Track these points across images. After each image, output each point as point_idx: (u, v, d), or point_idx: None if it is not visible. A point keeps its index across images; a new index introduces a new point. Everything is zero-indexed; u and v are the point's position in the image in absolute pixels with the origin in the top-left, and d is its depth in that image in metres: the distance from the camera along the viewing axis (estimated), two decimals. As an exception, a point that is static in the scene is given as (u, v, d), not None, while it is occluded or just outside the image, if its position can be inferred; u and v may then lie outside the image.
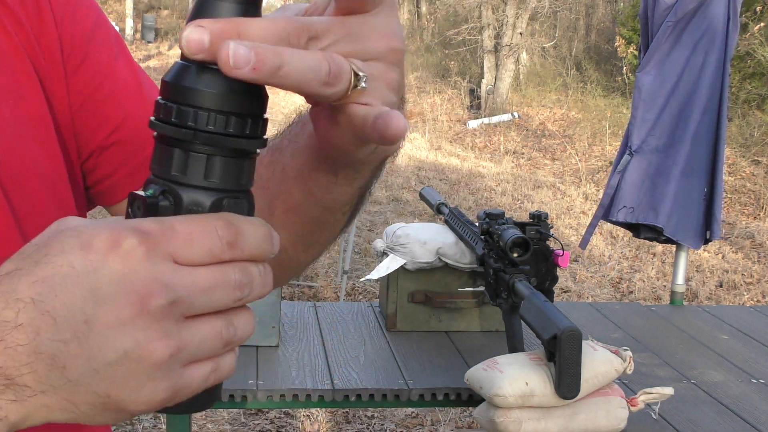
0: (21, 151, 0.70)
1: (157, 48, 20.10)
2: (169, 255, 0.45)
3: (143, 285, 0.44)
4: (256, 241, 0.48)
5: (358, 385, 1.96)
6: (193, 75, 0.47)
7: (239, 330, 0.48)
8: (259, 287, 0.49)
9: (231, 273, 0.47)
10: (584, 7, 16.48)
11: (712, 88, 2.76)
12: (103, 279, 0.43)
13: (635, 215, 2.82)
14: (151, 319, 0.44)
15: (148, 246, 0.44)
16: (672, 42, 2.76)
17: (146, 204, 0.47)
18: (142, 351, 0.44)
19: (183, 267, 0.45)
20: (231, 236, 0.47)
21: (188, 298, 0.45)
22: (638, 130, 2.81)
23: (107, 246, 0.44)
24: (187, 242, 0.45)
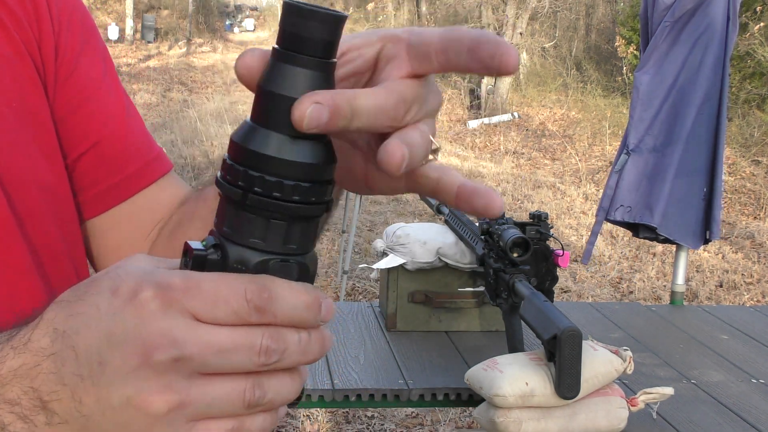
0: (23, 154, 0.70)
1: (157, 48, 20.10)
2: (187, 311, 0.45)
3: (150, 337, 0.45)
4: (293, 308, 0.47)
5: (358, 385, 1.96)
6: (261, 139, 0.47)
7: (270, 393, 0.47)
8: (297, 354, 0.47)
9: (258, 337, 0.46)
10: (584, 7, 16.48)
11: (710, 88, 2.76)
12: (118, 325, 0.45)
13: (633, 215, 2.82)
14: (152, 372, 0.45)
15: (163, 300, 0.45)
16: (670, 41, 2.76)
17: (193, 256, 0.48)
18: (142, 401, 0.45)
19: (201, 324, 0.45)
20: (261, 300, 0.46)
21: (200, 356, 0.45)
22: (635, 129, 2.82)
23: (129, 294, 0.45)
24: (211, 301, 0.45)
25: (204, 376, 0.46)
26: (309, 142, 0.47)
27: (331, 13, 0.46)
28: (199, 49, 20.91)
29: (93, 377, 0.45)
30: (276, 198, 0.47)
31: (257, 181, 0.46)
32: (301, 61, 0.46)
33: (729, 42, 2.74)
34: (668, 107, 2.80)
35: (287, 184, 0.46)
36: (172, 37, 21.40)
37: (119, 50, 18.90)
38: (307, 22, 0.45)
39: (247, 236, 0.48)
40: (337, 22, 0.46)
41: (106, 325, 0.45)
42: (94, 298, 0.46)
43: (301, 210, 0.47)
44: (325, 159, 0.48)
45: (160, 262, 0.49)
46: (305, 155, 0.47)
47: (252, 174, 0.46)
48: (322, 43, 0.46)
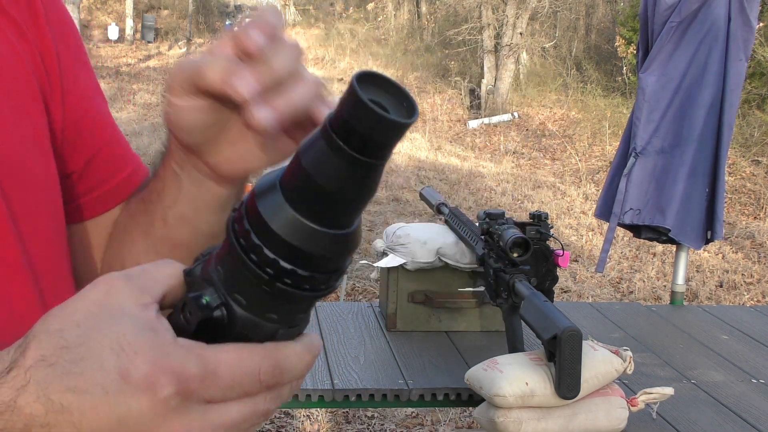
0: (21, 155, 0.71)
1: (157, 48, 20.10)
2: (203, 399, 0.45)
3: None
4: (297, 372, 0.48)
5: (358, 385, 1.96)
6: (304, 234, 0.44)
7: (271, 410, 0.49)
8: (284, 399, 0.49)
9: (261, 404, 0.47)
10: (584, 7, 16.47)
11: (716, 88, 2.75)
12: (132, 416, 0.44)
13: (642, 217, 2.82)
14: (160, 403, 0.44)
15: (183, 396, 0.44)
16: (675, 42, 2.76)
17: (200, 320, 0.46)
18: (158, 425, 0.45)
19: (214, 406, 0.46)
20: (273, 380, 0.47)
21: (202, 388, 0.45)
22: (643, 131, 2.80)
23: (145, 385, 0.43)
24: (228, 387, 0.45)
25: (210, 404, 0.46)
26: (346, 234, 0.45)
27: (407, 123, 0.42)
28: (199, 49, 20.90)
29: None
30: (305, 290, 0.45)
31: (289, 274, 0.44)
32: (359, 162, 0.42)
33: (731, 42, 2.73)
34: (675, 108, 2.79)
35: (319, 278, 0.45)
36: (172, 37, 21.39)
37: (119, 50, 18.90)
38: (386, 131, 0.42)
39: (263, 311, 0.46)
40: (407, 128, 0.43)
41: (117, 413, 0.43)
42: (98, 375, 0.43)
43: (323, 294, 0.47)
44: (353, 246, 0.47)
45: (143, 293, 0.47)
46: (343, 248, 0.46)
47: (284, 266, 0.44)
48: (389, 149, 0.43)
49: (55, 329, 0.45)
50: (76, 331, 0.44)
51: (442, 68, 16.16)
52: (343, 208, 0.44)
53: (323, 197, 0.43)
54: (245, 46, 0.53)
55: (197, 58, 0.56)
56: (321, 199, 0.43)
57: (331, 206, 0.43)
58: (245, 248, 0.44)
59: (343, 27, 21.18)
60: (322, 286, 0.46)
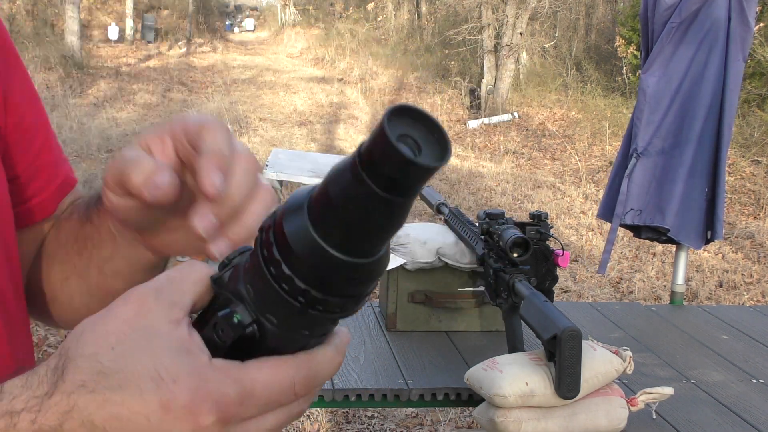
0: None
1: (157, 48, 20.09)
2: (241, 419, 0.46)
3: None
4: (329, 375, 0.49)
5: (358, 385, 1.96)
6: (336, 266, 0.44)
7: (302, 411, 0.51)
8: (314, 398, 0.51)
9: (295, 408, 0.49)
10: (584, 7, 16.47)
11: (716, 88, 2.75)
12: None
13: (642, 218, 2.82)
14: None
15: (224, 422, 0.45)
16: (676, 42, 2.75)
17: (233, 334, 0.46)
18: None
19: (252, 420, 0.47)
20: (306, 390, 0.48)
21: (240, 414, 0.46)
22: (644, 132, 2.80)
23: (186, 415, 0.44)
24: (264, 404, 0.46)
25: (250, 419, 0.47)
26: (376, 260, 0.45)
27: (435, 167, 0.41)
28: (199, 49, 20.91)
29: None
30: (336, 313, 0.46)
31: (321, 303, 0.45)
32: (385, 200, 0.42)
33: (731, 42, 2.73)
34: (675, 109, 2.79)
35: (349, 303, 0.46)
36: (172, 37, 21.39)
37: (119, 50, 18.90)
38: (413, 174, 0.41)
39: (295, 329, 0.47)
40: None
41: None
42: (139, 405, 0.44)
43: (353, 314, 0.47)
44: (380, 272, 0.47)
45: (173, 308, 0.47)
46: (373, 275, 0.46)
47: (316, 296, 0.45)
48: (417, 189, 0.43)
49: (90, 353, 0.45)
50: (111, 355, 0.45)
51: (442, 68, 16.16)
52: (369, 238, 0.44)
53: (351, 228, 0.43)
54: (204, 190, 0.52)
55: (130, 152, 0.55)
56: (349, 230, 0.43)
57: (359, 237, 0.43)
58: (276, 277, 0.45)
59: (343, 27, 21.18)
60: (352, 309, 0.47)
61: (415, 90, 15.28)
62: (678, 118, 2.79)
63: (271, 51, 22.71)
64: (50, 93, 12.52)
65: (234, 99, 13.96)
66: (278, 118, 12.89)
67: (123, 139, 10.22)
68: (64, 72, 13.98)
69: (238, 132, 11.14)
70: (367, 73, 16.76)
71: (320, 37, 22.04)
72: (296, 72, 18.10)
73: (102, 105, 12.37)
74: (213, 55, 20.09)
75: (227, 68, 17.87)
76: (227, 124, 0.51)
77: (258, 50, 22.67)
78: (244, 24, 28.77)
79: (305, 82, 16.56)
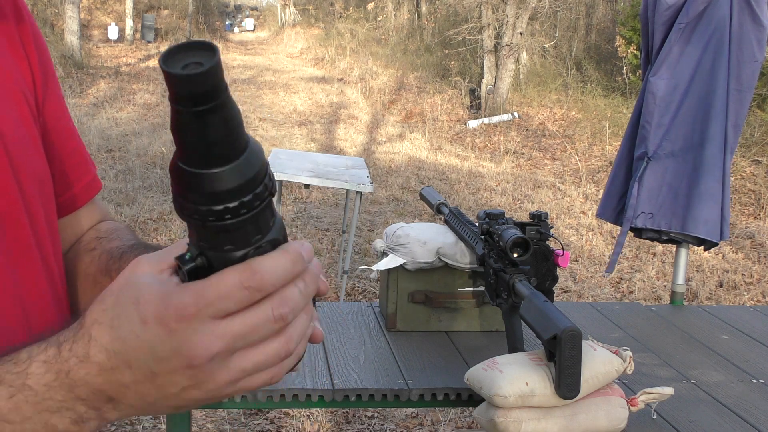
0: (27, 153, 0.81)
1: (157, 48, 20.09)
2: (206, 317, 0.56)
3: (187, 351, 0.56)
4: (282, 271, 0.57)
5: (358, 385, 1.96)
6: (200, 180, 0.55)
7: (297, 338, 0.60)
8: (304, 300, 0.59)
9: (267, 310, 0.57)
10: (584, 7, 16.47)
11: (723, 89, 2.73)
12: (158, 346, 0.57)
13: (656, 221, 2.81)
14: (197, 370, 0.57)
15: (185, 319, 0.56)
16: (682, 44, 2.74)
17: (187, 270, 0.57)
18: (201, 383, 0.58)
19: (220, 321, 0.57)
20: (255, 282, 0.56)
21: (228, 345, 0.57)
22: (654, 135, 2.79)
23: (156, 321, 0.56)
24: (219, 302, 0.56)
25: (241, 351, 0.58)
26: (235, 165, 0.55)
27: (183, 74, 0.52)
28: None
29: (150, 380, 0.58)
30: (244, 214, 0.56)
31: (224, 212, 0.55)
32: (191, 113, 0.53)
33: (744, 43, 2.71)
34: (684, 111, 2.77)
35: (232, 207, 0.55)
36: (172, 37, 21.38)
37: (119, 50, 18.89)
38: (180, 84, 0.52)
39: (220, 247, 0.57)
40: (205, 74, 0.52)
41: (149, 347, 0.57)
42: (128, 326, 0.57)
43: (250, 216, 0.56)
44: (254, 167, 0.56)
45: (160, 263, 0.60)
46: (242, 172, 0.55)
47: (214, 209, 0.55)
48: (202, 95, 0.53)
49: (99, 299, 0.60)
50: (111, 297, 0.59)
51: (442, 68, 16.16)
52: (212, 148, 0.54)
53: (196, 147, 0.54)
54: None
55: None
56: (196, 149, 0.54)
57: (204, 151, 0.54)
58: (189, 213, 0.56)
59: (343, 27, 21.18)
60: (255, 204, 0.56)
61: (415, 90, 15.27)
62: (688, 120, 2.77)
63: (271, 51, 22.71)
64: (50, 93, 12.51)
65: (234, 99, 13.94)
66: (278, 118, 12.89)
67: (123, 139, 10.22)
68: (64, 72, 13.98)
69: (238, 132, 11.12)
70: (367, 73, 16.75)
71: (320, 37, 22.05)
72: (296, 72, 18.10)
73: (102, 105, 12.37)
74: (213, 55, 20.05)
75: (227, 68, 17.86)
76: None
77: (258, 50, 22.67)
78: (243, 24, 28.77)
79: (305, 82, 16.56)
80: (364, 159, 6.58)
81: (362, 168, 5.47)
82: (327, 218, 7.36)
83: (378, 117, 13.51)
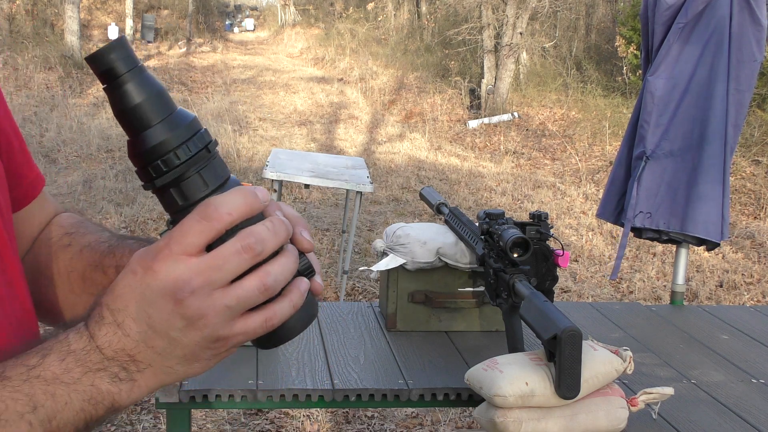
0: None
1: (157, 48, 20.09)
2: (178, 255, 0.62)
3: (167, 289, 0.62)
4: (236, 204, 0.63)
5: (358, 385, 1.96)
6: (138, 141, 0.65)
7: (276, 275, 0.64)
8: (273, 235, 0.64)
9: (234, 243, 0.62)
10: (584, 7, 16.47)
11: (723, 89, 2.73)
12: (146, 292, 0.63)
13: (654, 221, 2.81)
14: (185, 307, 0.62)
15: (162, 260, 0.62)
16: (682, 43, 2.74)
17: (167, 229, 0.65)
18: (194, 321, 0.63)
19: (192, 258, 0.62)
20: (209, 211, 0.62)
21: (206, 280, 0.62)
22: (652, 134, 2.79)
23: (143, 268, 0.64)
24: (183, 236, 0.62)
25: (221, 288, 0.62)
26: (162, 123, 0.64)
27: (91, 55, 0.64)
28: (199, 49, 20.90)
29: (151, 328, 0.64)
30: (170, 170, 0.64)
31: (161, 165, 0.64)
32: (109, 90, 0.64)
33: (743, 43, 2.71)
34: (683, 111, 2.77)
35: (169, 158, 0.64)
36: (172, 37, 21.38)
37: (119, 50, 18.84)
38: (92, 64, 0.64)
39: (184, 208, 0.64)
40: None
41: (140, 293, 0.63)
42: (124, 281, 0.64)
43: (193, 166, 0.64)
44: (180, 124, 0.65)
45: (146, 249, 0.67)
46: (176, 124, 0.64)
47: (150, 172, 0.64)
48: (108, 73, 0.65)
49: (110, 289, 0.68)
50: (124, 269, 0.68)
51: (442, 68, 16.16)
52: (138, 113, 0.64)
53: (126, 116, 0.65)
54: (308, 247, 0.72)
55: None
56: (128, 117, 0.65)
57: (134, 117, 0.64)
58: (145, 180, 0.65)
59: (343, 27, 21.17)
60: (191, 153, 0.64)
61: (415, 90, 15.27)
62: (686, 120, 2.77)
63: (271, 51, 22.70)
64: (50, 93, 12.51)
65: (234, 99, 13.96)
66: (278, 118, 12.88)
67: (123, 139, 10.21)
68: (64, 72, 13.98)
69: (238, 132, 11.14)
70: (367, 73, 16.75)
71: (320, 37, 22.04)
72: (296, 72, 18.10)
73: (102, 105, 12.36)
74: (213, 55, 20.09)
75: (227, 68, 17.86)
76: None
77: (258, 50, 22.66)
78: (244, 24, 28.76)
79: (305, 82, 16.56)
80: (364, 159, 6.59)
81: (362, 168, 5.47)
82: (327, 218, 7.36)
83: (378, 117, 13.51)
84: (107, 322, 0.64)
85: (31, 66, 13.90)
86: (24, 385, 0.63)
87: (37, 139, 9.73)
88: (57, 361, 0.64)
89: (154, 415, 3.69)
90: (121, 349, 0.64)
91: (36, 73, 13.56)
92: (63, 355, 0.64)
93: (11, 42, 15.55)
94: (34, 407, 0.62)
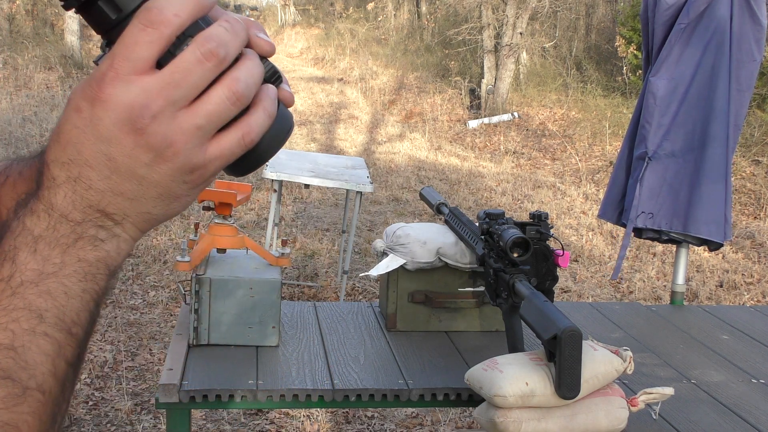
0: None
1: (157, 48, 20.08)
2: (127, 74, 0.52)
3: (127, 119, 0.53)
4: (182, 4, 0.53)
5: (358, 385, 1.96)
6: None
7: (246, 79, 0.55)
8: (233, 36, 0.55)
9: (193, 50, 0.53)
10: (584, 7, 16.47)
11: (724, 89, 2.73)
12: (98, 127, 0.53)
13: (656, 221, 2.81)
14: (148, 135, 0.53)
15: (109, 84, 0.52)
16: (683, 44, 2.74)
17: None
18: (162, 151, 0.54)
19: (145, 77, 0.52)
20: (152, 18, 0.52)
21: (167, 100, 0.53)
22: (654, 135, 2.79)
23: (87, 100, 0.53)
24: (128, 50, 0.52)
25: (190, 105, 0.54)
26: None
27: None
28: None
29: (114, 171, 0.54)
30: None
31: None
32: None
33: (743, 42, 2.71)
34: (685, 112, 2.77)
35: None
36: (172, 37, 21.35)
37: (119, 50, 18.86)
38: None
39: (108, 24, 0.55)
40: None
41: (91, 130, 0.53)
42: (67, 126, 0.54)
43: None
44: None
45: None
46: None
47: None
48: None
49: None
50: None
51: (442, 68, 16.16)
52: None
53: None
54: (268, 50, 0.60)
55: None
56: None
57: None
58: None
59: (343, 27, 21.17)
60: None
61: (415, 90, 15.27)
62: (688, 120, 2.77)
63: (271, 51, 22.67)
64: (50, 93, 12.51)
65: None
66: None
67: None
68: (64, 72, 13.98)
69: (238, 132, 11.12)
70: (367, 73, 16.75)
71: (320, 37, 22.04)
72: (296, 72, 18.10)
73: (102, 105, 12.34)
74: (213, 55, 20.06)
75: (227, 68, 17.83)
76: None
77: (258, 50, 22.62)
78: (244, 24, 28.75)
79: (305, 82, 16.56)
80: (364, 159, 6.58)
81: (362, 168, 5.48)
82: (327, 218, 7.36)
83: (378, 117, 13.51)
84: (61, 181, 0.55)
85: (31, 66, 13.90)
86: (14, 299, 0.54)
87: (37, 139, 9.73)
88: (29, 255, 0.55)
89: (154, 415, 3.69)
90: (88, 206, 0.55)
91: (36, 73, 13.56)
92: (32, 247, 0.55)
93: (11, 42, 15.55)
94: (39, 316, 0.54)
